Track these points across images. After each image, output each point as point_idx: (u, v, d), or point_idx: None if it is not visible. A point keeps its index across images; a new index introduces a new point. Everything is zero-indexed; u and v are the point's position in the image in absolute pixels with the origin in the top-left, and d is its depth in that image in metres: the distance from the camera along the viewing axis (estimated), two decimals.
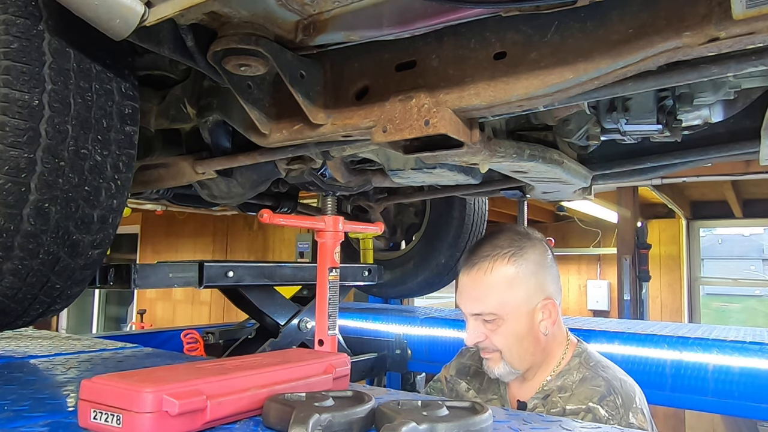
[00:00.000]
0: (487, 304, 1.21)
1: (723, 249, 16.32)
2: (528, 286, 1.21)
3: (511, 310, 1.20)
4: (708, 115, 1.28)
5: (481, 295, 1.22)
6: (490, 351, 1.25)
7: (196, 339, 2.30)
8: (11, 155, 0.95)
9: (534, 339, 1.22)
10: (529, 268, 1.22)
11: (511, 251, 1.23)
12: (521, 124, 1.42)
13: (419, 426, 0.62)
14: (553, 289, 1.26)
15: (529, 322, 1.21)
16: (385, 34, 0.97)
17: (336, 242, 1.19)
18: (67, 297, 1.19)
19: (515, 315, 1.20)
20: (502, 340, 1.21)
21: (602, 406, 1.14)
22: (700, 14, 0.76)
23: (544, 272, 1.25)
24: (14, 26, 0.95)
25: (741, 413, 2.03)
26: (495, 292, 1.21)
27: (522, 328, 1.21)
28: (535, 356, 1.24)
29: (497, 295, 1.20)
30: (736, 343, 1.98)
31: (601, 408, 1.14)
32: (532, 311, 1.21)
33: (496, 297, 1.20)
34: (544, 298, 1.22)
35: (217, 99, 1.36)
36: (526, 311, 1.21)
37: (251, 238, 7.46)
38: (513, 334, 1.21)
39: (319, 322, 1.15)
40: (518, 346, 1.22)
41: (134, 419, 0.62)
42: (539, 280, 1.23)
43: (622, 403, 1.14)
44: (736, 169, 3.74)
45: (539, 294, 1.22)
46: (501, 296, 1.20)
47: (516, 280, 1.21)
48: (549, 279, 1.25)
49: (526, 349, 1.22)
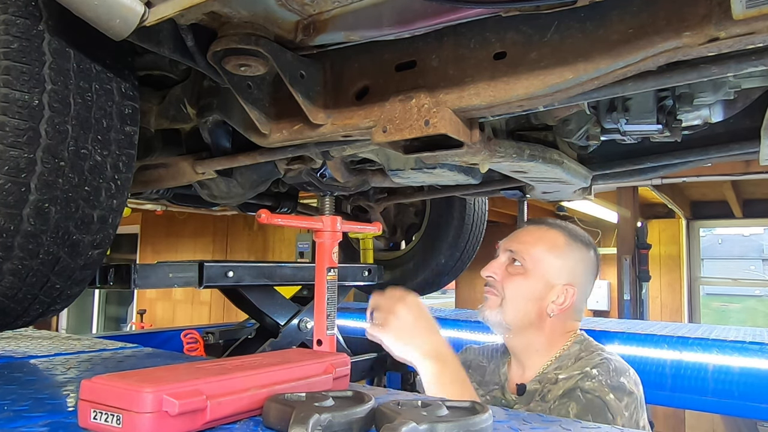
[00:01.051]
0: (525, 248, 1.28)
1: (723, 249, 16.32)
2: (565, 263, 1.27)
3: (539, 269, 1.25)
4: (708, 115, 1.28)
5: (528, 240, 1.30)
6: (494, 292, 1.29)
7: (196, 339, 2.30)
8: (11, 155, 0.95)
9: (538, 311, 1.25)
10: (576, 254, 1.28)
11: (574, 233, 1.32)
12: (521, 124, 1.42)
13: (419, 426, 0.62)
14: (582, 288, 1.29)
15: (543, 292, 1.25)
16: (385, 34, 0.97)
17: (334, 242, 1.19)
18: (67, 297, 1.19)
19: (537, 276, 1.25)
20: (512, 289, 1.25)
21: (594, 368, 1.16)
22: (700, 14, 0.76)
23: (585, 269, 1.30)
24: (14, 26, 0.95)
25: (741, 413, 2.03)
26: (539, 246, 1.28)
27: (534, 292, 1.25)
28: (529, 328, 1.25)
29: (539, 249, 1.27)
30: (736, 343, 1.98)
31: (593, 370, 1.15)
32: (552, 286, 1.25)
33: (537, 250, 1.27)
34: (570, 284, 1.25)
35: (217, 99, 1.36)
36: (547, 280, 1.25)
37: (251, 238, 7.46)
38: (524, 289, 1.25)
39: (317, 322, 1.14)
40: (521, 303, 1.25)
41: (134, 419, 0.62)
42: (576, 269, 1.28)
43: (615, 369, 1.16)
44: (736, 169, 3.74)
45: (569, 277, 1.26)
46: (541, 252, 1.27)
47: (560, 250, 1.27)
48: (584, 277, 1.30)
49: (525, 313, 1.25)
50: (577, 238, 1.31)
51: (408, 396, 0.92)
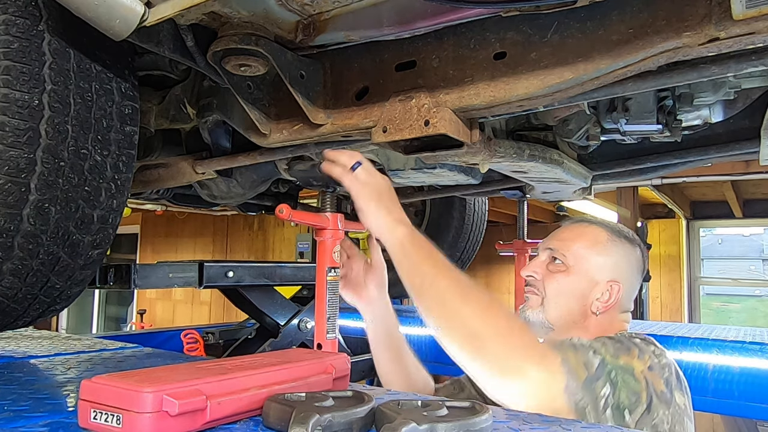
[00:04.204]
0: (565, 245, 1.22)
1: (723, 249, 16.32)
2: (608, 259, 1.21)
3: (580, 265, 1.20)
4: (708, 115, 1.29)
5: (568, 237, 1.24)
6: (535, 291, 1.24)
7: (196, 339, 2.30)
8: (11, 155, 0.95)
9: (581, 309, 1.19)
10: (619, 250, 1.22)
11: (616, 229, 1.26)
12: (521, 124, 1.42)
13: (419, 426, 0.62)
14: (628, 285, 1.23)
15: (586, 289, 1.19)
16: (385, 34, 0.97)
17: (336, 241, 1.19)
18: (67, 297, 1.19)
19: (580, 272, 1.20)
20: (554, 287, 1.20)
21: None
22: (700, 14, 0.77)
23: (629, 266, 1.23)
24: (14, 26, 0.95)
25: (741, 413, 2.03)
26: (580, 242, 1.22)
27: (577, 289, 1.20)
28: (573, 327, 1.20)
29: (580, 246, 1.21)
30: (736, 343, 1.98)
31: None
32: (596, 283, 1.19)
33: (578, 246, 1.21)
34: (615, 281, 1.19)
35: (217, 99, 1.37)
36: (590, 277, 1.20)
37: (251, 238, 7.47)
38: (566, 287, 1.20)
39: (317, 325, 1.14)
40: (563, 301, 1.20)
41: (134, 419, 0.62)
42: (621, 265, 1.22)
43: (637, 335, 1.11)
44: (736, 169, 3.73)
45: (613, 273, 1.20)
46: (582, 248, 1.21)
47: (602, 246, 1.21)
48: (630, 274, 1.24)
49: (568, 311, 1.20)
50: (620, 234, 1.25)
51: (408, 396, 0.92)
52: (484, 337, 0.94)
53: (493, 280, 6.77)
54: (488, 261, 6.28)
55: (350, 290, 1.27)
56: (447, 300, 0.97)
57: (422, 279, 1.00)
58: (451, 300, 0.97)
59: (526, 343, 0.96)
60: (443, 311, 0.98)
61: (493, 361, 0.93)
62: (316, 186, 1.61)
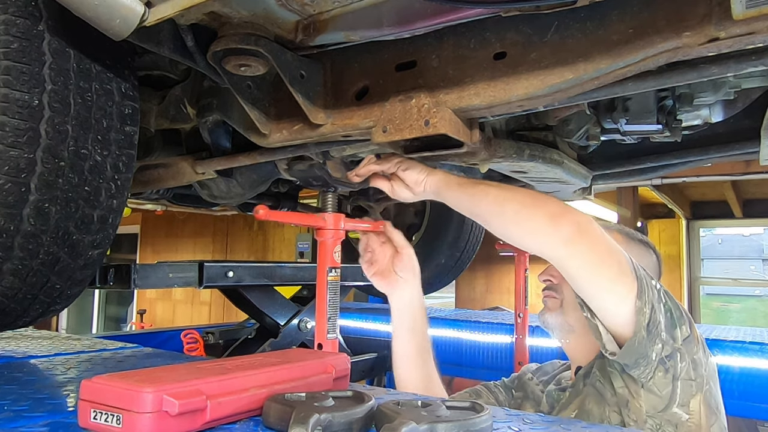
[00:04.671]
0: None
1: (723, 249, 16.33)
2: None
3: None
4: (708, 115, 1.28)
5: None
6: (553, 295, 1.24)
7: (196, 339, 2.30)
8: (11, 155, 0.95)
9: None
10: (635, 252, 1.20)
11: (631, 234, 1.28)
12: (521, 124, 1.42)
13: (419, 426, 0.62)
14: None
15: None
16: (385, 34, 0.97)
17: (336, 241, 1.19)
18: (67, 297, 1.19)
19: None
20: (571, 290, 1.17)
21: None
22: (700, 14, 0.77)
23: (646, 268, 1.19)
24: (14, 26, 0.95)
25: (741, 413, 2.03)
26: None
27: None
28: None
29: None
30: (736, 343, 1.98)
31: None
32: None
33: None
34: None
35: (217, 99, 1.36)
36: None
37: (251, 238, 7.47)
38: None
39: (318, 325, 1.14)
40: None
41: (134, 419, 0.62)
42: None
43: None
44: (736, 169, 3.73)
45: None
46: None
47: None
48: None
49: None
50: (635, 238, 1.26)
51: (408, 396, 0.92)
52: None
53: (493, 280, 6.77)
54: (488, 261, 6.28)
55: (378, 276, 1.28)
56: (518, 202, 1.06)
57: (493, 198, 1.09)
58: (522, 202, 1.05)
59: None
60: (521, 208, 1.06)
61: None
62: (316, 186, 1.62)
